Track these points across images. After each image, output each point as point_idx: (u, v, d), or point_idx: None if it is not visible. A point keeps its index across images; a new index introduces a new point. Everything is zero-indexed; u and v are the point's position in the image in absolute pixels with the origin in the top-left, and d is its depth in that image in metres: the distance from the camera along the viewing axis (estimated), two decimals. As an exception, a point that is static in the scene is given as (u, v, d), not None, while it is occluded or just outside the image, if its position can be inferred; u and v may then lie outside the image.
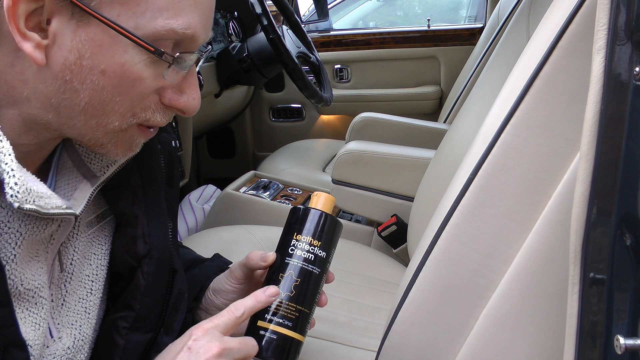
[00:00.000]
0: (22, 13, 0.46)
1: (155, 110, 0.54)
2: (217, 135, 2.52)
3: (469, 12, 3.11)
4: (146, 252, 0.64)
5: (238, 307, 0.60)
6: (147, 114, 0.54)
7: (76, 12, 0.47)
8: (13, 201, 0.47)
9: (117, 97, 0.51)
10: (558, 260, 0.57)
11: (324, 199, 0.69)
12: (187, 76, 0.55)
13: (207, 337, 0.57)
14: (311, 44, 1.91)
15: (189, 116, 0.57)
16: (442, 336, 0.65)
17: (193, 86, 0.55)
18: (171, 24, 0.49)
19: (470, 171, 0.63)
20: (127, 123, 0.53)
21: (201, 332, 0.57)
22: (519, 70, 0.64)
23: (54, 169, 0.59)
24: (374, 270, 1.27)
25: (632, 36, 0.41)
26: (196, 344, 0.56)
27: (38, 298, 0.55)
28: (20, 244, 0.52)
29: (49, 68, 0.48)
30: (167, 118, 0.56)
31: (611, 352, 0.42)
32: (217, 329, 0.58)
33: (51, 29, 0.47)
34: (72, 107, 0.51)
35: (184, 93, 0.55)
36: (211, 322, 0.59)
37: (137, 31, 0.48)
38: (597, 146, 0.44)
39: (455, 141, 1.19)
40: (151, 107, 0.54)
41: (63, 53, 0.48)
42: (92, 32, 0.48)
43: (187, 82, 0.55)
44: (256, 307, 0.61)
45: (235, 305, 0.61)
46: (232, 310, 0.60)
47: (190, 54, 0.53)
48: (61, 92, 0.49)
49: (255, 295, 0.62)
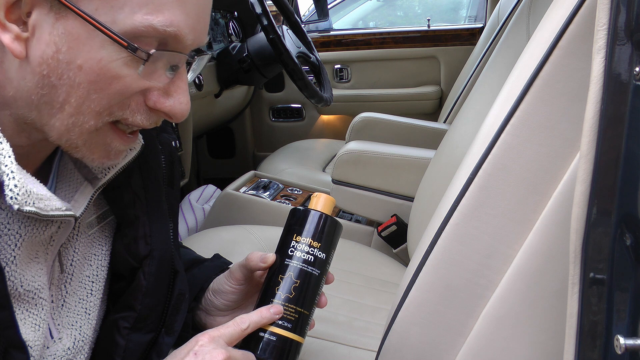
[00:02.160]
0: (2, 4, 0.46)
1: (135, 110, 0.52)
2: (217, 135, 2.52)
3: (469, 12, 3.11)
4: (147, 252, 0.64)
5: (244, 320, 0.62)
6: (124, 113, 0.51)
7: (55, 5, 0.46)
8: (13, 203, 0.47)
9: (93, 95, 0.49)
10: (558, 260, 0.57)
11: (323, 200, 0.69)
12: (175, 79, 0.53)
13: (213, 344, 0.58)
14: (311, 44, 1.91)
15: (178, 122, 0.54)
16: (442, 336, 0.65)
17: (181, 90, 0.53)
18: (150, 20, 0.47)
19: (470, 171, 0.63)
20: (102, 121, 0.51)
21: (207, 339, 0.59)
22: (519, 70, 0.64)
23: (54, 171, 0.59)
24: (374, 270, 1.27)
25: (632, 36, 0.41)
26: (202, 350, 0.57)
27: (38, 299, 0.55)
28: (19, 246, 0.52)
29: (28, 63, 0.48)
30: (151, 121, 0.54)
31: (611, 352, 0.42)
32: (223, 338, 0.60)
33: (31, 22, 0.47)
34: (51, 104, 0.49)
35: (171, 96, 0.53)
36: (217, 331, 0.61)
37: (114, 26, 0.47)
38: (597, 146, 0.44)
39: (455, 141, 1.19)
40: (131, 107, 0.52)
41: (41, 46, 0.47)
42: (70, 25, 0.47)
43: (174, 85, 0.53)
44: (260, 322, 0.63)
45: (241, 318, 0.63)
46: (238, 322, 0.62)
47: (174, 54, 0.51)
48: (40, 87, 0.48)
49: (261, 311, 0.64)
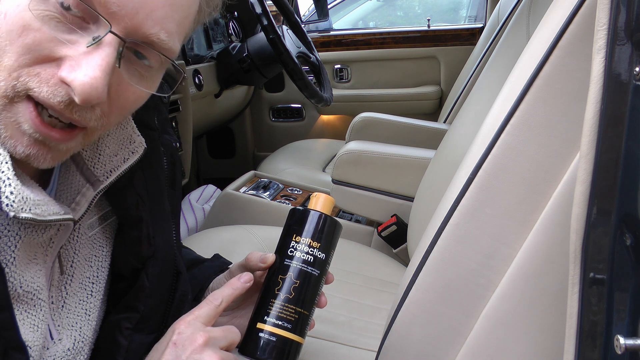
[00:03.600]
0: None
1: (43, 81, 0.46)
2: (217, 135, 2.52)
3: (469, 12, 3.10)
4: (151, 253, 0.64)
5: (216, 297, 0.62)
6: (32, 81, 0.46)
7: None
8: (9, 210, 0.47)
9: (7, 46, 0.45)
10: (558, 260, 0.57)
11: (323, 200, 0.69)
12: (92, 50, 0.46)
13: (190, 329, 0.58)
14: (311, 44, 1.91)
15: (80, 101, 0.46)
16: (442, 336, 0.65)
17: (93, 63, 0.46)
18: None
19: (470, 171, 0.63)
20: (11, 87, 0.46)
21: (184, 325, 0.58)
22: (519, 70, 0.64)
23: (56, 173, 0.59)
24: (374, 270, 1.27)
25: (632, 36, 0.41)
26: (181, 337, 0.57)
27: (37, 300, 0.54)
28: (19, 247, 0.52)
29: None
30: (58, 98, 0.47)
31: (611, 352, 0.42)
32: (199, 320, 0.59)
33: None
34: None
35: (80, 67, 0.46)
36: (192, 315, 0.60)
37: None
38: (597, 146, 0.44)
39: (455, 141, 1.19)
40: (40, 76, 0.46)
41: None
42: None
43: (88, 56, 0.46)
44: (233, 294, 0.62)
45: (213, 295, 0.62)
46: (211, 300, 0.61)
47: (84, 6, 0.45)
48: None
49: (231, 283, 0.63)
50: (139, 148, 0.61)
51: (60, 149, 0.50)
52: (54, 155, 0.50)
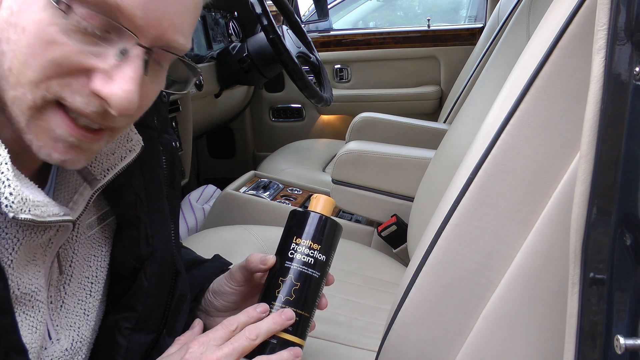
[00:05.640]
0: None
1: (76, 92, 0.47)
2: (217, 135, 2.52)
3: (469, 12, 3.10)
4: (149, 253, 0.64)
5: (232, 322, 0.63)
6: (64, 91, 0.47)
7: None
8: (8, 211, 0.47)
9: (30, 60, 0.46)
10: (558, 260, 0.57)
11: (323, 201, 0.69)
12: (123, 64, 0.48)
13: (203, 349, 0.60)
14: (311, 44, 1.91)
15: (117, 114, 0.48)
16: (442, 336, 0.65)
17: (126, 76, 0.47)
18: None
19: (470, 171, 0.63)
20: (40, 97, 0.47)
21: (197, 345, 0.61)
22: (519, 70, 0.64)
23: (54, 172, 0.59)
24: (374, 270, 1.27)
25: (632, 36, 0.41)
26: (192, 356, 0.59)
27: (35, 301, 0.54)
28: (17, 250, 0.52)
29: None
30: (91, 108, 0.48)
31: (611, 352, 0.42)
32: (213, 341, 0.61)
33: None
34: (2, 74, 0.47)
35: (114, 81, 0.47)
36: (206, 336, 0.62)
37: None
38: (597, 146, 0.44)
39: (455, 141, 1.19)
40: (72, 87, 0.47)
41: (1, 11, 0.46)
42: None
43: (120, 70, 0.48)
44: (248, 322, 0.64)
45: (229, 320, 0.63)
46: (226, 324, 0.63)
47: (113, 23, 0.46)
48: None
49: (247, 312, 0.64)
50: (136, 146, 0.61)
51: (92, 149, 0.52)
52: (87, 157, 0.52)
